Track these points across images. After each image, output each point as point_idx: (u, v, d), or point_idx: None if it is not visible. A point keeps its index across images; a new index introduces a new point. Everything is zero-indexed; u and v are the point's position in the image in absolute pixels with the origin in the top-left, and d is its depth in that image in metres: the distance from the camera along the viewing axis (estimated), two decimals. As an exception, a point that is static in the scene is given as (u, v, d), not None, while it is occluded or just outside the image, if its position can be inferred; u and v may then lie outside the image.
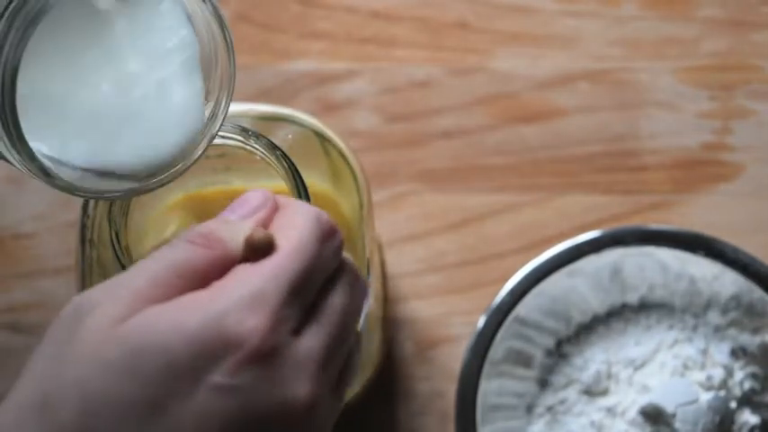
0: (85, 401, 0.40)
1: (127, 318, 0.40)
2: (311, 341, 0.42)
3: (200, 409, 0.40)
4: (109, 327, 0.40)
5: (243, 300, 0.40)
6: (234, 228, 0.43)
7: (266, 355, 0.40)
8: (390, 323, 0.67)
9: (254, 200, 0.44)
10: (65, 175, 0.45)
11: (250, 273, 0.41)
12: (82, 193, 0.46)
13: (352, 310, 0.44)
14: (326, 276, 0.43)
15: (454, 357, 0.65)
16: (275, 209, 0.44)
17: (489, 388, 0.62)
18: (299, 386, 0.41)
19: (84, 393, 0.40)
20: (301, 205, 0.44)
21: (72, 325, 0.41)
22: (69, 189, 0.46)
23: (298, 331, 0.42)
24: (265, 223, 0.44)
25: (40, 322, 0.68)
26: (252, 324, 0.40)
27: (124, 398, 0.40)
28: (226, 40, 0.46)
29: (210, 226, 0.43)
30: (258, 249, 0.42)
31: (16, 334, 0.68)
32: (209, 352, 0.40)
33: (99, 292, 0.42)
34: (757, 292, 0.62)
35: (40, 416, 0.40)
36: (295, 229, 0.43)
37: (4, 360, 0.67)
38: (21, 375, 0.42)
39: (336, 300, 0.43)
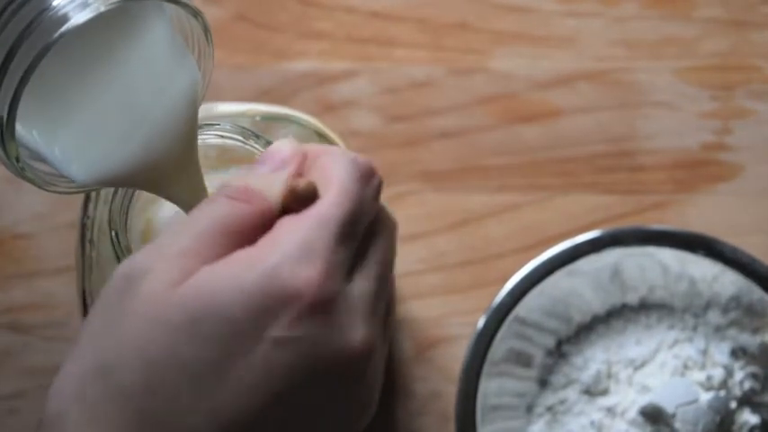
0: (148, 365, 0.40)
1: (181, 281, 0.41)
2: (362, 285, 0.42)
3: (264, 364, 0.40)
4: (165, 291, 0.40)
5: (294, 252, 0.41)
6: (270, 180, 0.43)
7: (323, 305, 0.41)
8: (390, 323, 0.67)
9: (283, 150, 0.44)
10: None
11: (297, 224, 0.41)
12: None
13: (391, 253, 0.44)
14: (371, 218, 0.43)
15: (454, 357, 0.65)
16: (305, 158, 0.44)
17: (489, 388, 0.62)
18: (356, 330, 0.41)
19: (146, 357, 0.40)
20: (336, 150, 0.44)
21: (125, 291, 0.41)
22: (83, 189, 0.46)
23: (349, 276, 0.42)
24: (300, 173, 0.44)
25: (40, 322, 0.68)
26: (306, 275, 0.40)
27: (187, 360, 0.40)
28: (205, 33, 0.46)
29: (246, 180, 0.43)
30: (302, 198, 0.42)
31: (16, 334, 0.68)
32: (267, 308, 0.40)
33: (146, 256, 0.42)
34: (757, 292, 0.62)
35: (103, 381, 0.40)
36: (335, 175, 0.43)
37: (4, 360, 0.67)
38: (73, 345, 0.42)
39: (380, 242, 0.43)
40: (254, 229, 0.42)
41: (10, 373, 0.67)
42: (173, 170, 0.47)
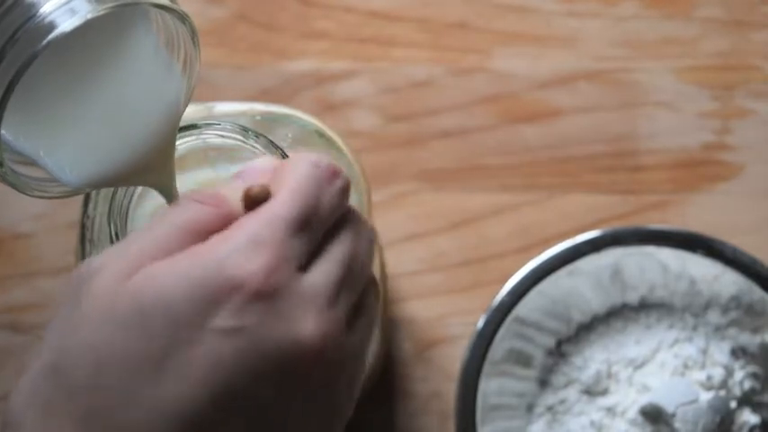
0: (95, 360, 0.40)
1: (131, 275, 0.41)
2: (316, 277, 0.42)
3: (209, 354, 0.40)
4: (114, 284, 0.41)
5: (241, 244, 0.41)
6: (236, 187, 0.43)
7: (268, 293, 0.40)
8: (390, 323, 0.67)
9: (259, 164, 0.45)
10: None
11: (247, 220, 0.42)
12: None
13: (359, 253, 0.43)
14: (334, 218, 0.43)
15: (453, 357, 0.65)
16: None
17: (489, 388, 0.62)
18: (306, 321, 0.41)
19: (93, 352, 0.40)
20: (299, 154, 0.44)
21: (79, 288, 0.41)
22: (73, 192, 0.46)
23: (303, 269, 0.42)
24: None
25: (40, 322, 0.68)
26: (252, 266, 0.40)
27: (132, 352, 0.40)
28: (192, 38, 0.46)
29: (219, 188, 0.43)
30: (256, 201, 0.42)
31: (16, 334, 0.68)
32: (211, 298, 0.40)
33: (104, 254, 0.42)
34: (757, 292, 0.62)
35: (53, 380, 0.41)
36: (289, 175, 0.43)
37: (4, 360, 0.67)
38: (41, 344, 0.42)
39: (342, 240, 0.43)
40: (216, 232, 0.42)
41: (10, 373, 0.67)
42: (152, 169, 0.47)
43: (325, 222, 0.43)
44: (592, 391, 0.63)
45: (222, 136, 0.50)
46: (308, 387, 0.41)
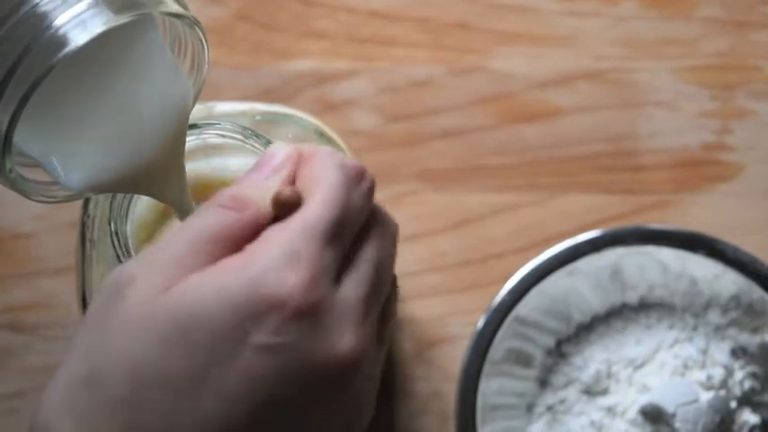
0: (134, 374, 0.40)
1: (168, 288, 0.41)
2: (351, 290, 0.42)
3: (249, 371, 0.40)
4: (152, 297, 0.40)
5: (279, 258, 0.41)
6: (262, 188, 0.43)
7: (308, 311, 0.40)
8: (388, 327, 0.67)
9: (278, 155, 0.44)
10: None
11: (281, 231, 0.41)
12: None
13: (386, 255, 0.44)
14: (362, 221, 0.43)
15: (453, 357, 0.65)
16: (299, 161, 0.44)
17: (489, 388, 0.62)
18: (344, 336, 0.41)
19: (131, 366, 0.40)
20: (325, 154, 0.44)
21: (113, 298, 0.41)
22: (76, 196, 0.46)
23: (337, 280, 0.42)
24: (292, 178, 0.44)
25: (40, 322, 0.68)
26: (291, 281, 0.40)
27: (172, 367, 0.40)
28: (202, 43, 0.46)
29: (239, 188, 0.43)
30: (287, 206, 0.42)
31: (16, 334, 0.68)
32: (251, 314, 0.40)
33: (137, 264, 0.42)
34: (757, 291, 0.62)
35: (89, 391, 0.40)
36: (320, 180, 0.43)
37: (4, 360, 0.67)
38: (65, 353, 0.42)
39: (372, 246, 0.43)
40: (245, 238, 0.42)
41: (10, 373, 0.67)
42: (161, 174, 0.47)
43: (355, 228, 0.43)
44: (592, 391, 0.63)
45: (222, 136, 0.50)
46: (342, 397, 0.42)
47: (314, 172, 0.43)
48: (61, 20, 0.42)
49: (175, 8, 0.44)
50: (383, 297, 0.44)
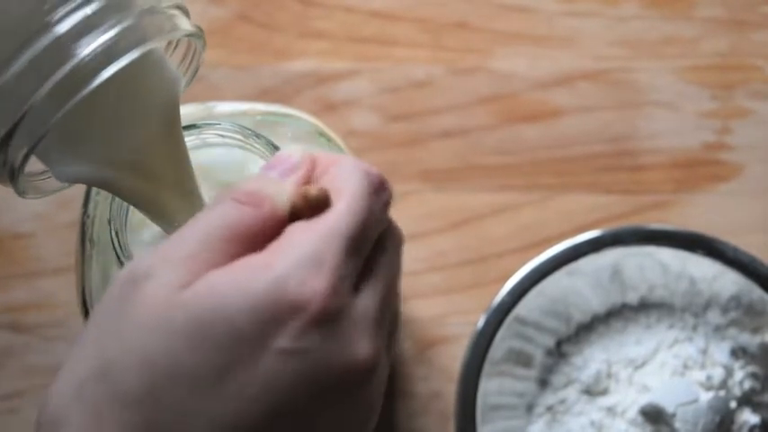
0: (150, 369, 0.39)
1: (188, 283, 0.40)
2: (369, 299, 0.42)
3: (267, 374, 0.40)
4: (169, 293, 0.40)
5: (303, 262, 0.40)
6: (279, 185, 0.43)
7: (330, 317, 0.40)
8: (395, 338, 0.67)
9: (295, 155, 0.44)
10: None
11: (307, 233, 0.41)
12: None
13: (398, 267, 0.44)
14: (380, 231, 0.43)
15: (454, 357, 0.65)
16: (314, 165, 0.44)
17: (489, 388, 0.62)
18: (362, 344, 0.41)
19: (148, 361, 0.39)
20: (348, 161, 0.44)
21: (128, 292, 0.41)
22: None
23: (355, 289, 0.42)
24: (308, 180, 0.43)
25: (40, 322, 0.68)
26: (314, 286, 0.40)
27: (190, 365, 0.39)
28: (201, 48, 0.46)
29: (255, 184, 0.43)
30: (314, 205, 0.42)
31: (16, 334, 0.68)
32: (273, 317, 0.40)
33: (152, 258, 0.41)
34: (757, 291, 0.62)
35: (104, 384, 0.40)
36: (347, 186, 0.42)
37: (4, 360, 0.67)
38: (74, 348, 0.41)
39: (388, 256, 0.43)
40: (262, 235, 0.42)
41: (10, 373, 0.67)
42: (158, 169, 0.47)
43: (374, 237, 0.43)
44: (592, 391, 0.63)
45: (222, 136, 0.50)
46: (355, 402, 0.42)
47: (340, 177, 0.43)
48: (86, 51, 0.42)
49: (189, 28, 0.44)
50: (394, 305, 0.44)
